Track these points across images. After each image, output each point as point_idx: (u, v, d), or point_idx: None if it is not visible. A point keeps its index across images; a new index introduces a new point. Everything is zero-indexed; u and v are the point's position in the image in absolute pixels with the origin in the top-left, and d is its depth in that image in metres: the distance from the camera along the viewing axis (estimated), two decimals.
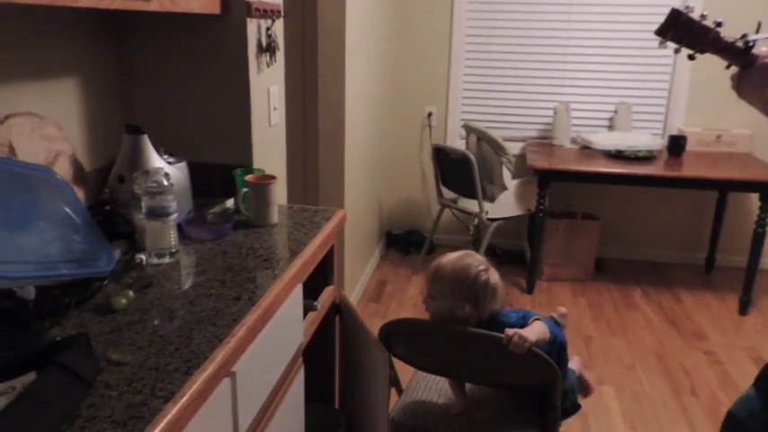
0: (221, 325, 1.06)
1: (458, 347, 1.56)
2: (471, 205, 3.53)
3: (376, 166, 3.77)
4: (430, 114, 4.02)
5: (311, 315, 1.56)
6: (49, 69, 1.51)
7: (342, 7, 2.72)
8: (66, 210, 1.22)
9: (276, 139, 1.96)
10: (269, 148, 1.90)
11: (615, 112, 3.76)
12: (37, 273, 1.01)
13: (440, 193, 3.74)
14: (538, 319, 1.52)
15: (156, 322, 1.06)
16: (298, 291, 1.39)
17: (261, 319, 1.13)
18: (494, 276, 1.55)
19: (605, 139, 3.58)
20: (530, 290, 3.56)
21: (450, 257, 1.56)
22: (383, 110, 3.85)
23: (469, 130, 3.59)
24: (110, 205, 1.44)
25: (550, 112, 3.82)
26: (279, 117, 1.95)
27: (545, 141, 3.86)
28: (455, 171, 3.50)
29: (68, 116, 1.57)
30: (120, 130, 1.49)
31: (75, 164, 1.41)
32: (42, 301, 1.06)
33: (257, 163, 1.79)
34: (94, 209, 1.44)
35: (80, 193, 1.38)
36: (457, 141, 3.96)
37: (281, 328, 1.28)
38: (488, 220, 3.46)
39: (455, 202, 3.73)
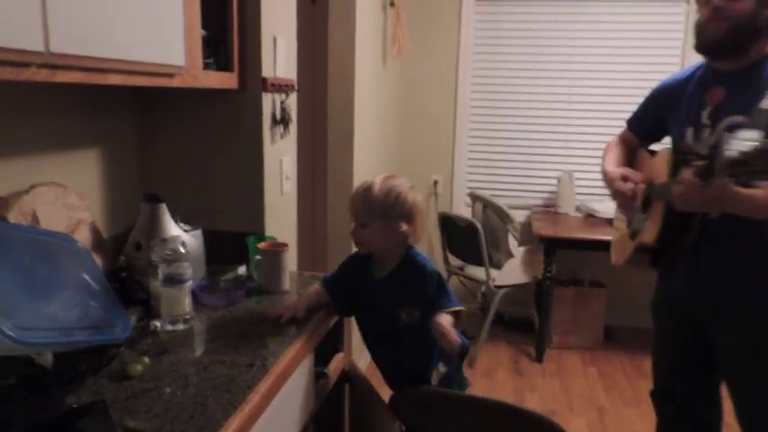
0: (235, 392, 1.06)
1: (469, 414, 1.54)
2: (478, 272, 3.54)
3: None
4: (436, 182, 4.10)
5: (321, 382, 1.55)
6: (73, 140, 1.57)
7: (351, 82, 2.83)
8: (85, 277, 1.24)
9: (287, 207, 2.00)
10: (281, 216, 1.94)
11: None
12: (55, 339, 1.02)
13: (446, 260, 3.76)
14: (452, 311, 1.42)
15: (171, 389, 1.06)
16: (309, 358, 1.39)
17: (274, 386, 1.14)
18: (419, 197, 1.52)
19: (610, 208, 3.62)
20: (539, 358, 3.51)
21: (374, 182, 1.48)
22: None
23: (475, 198, 3.65)
24: (126, 272, 1.47)
25: (554, 181, 3.89)
26: (290, 186, 2.01)
27: (550, 209, 3.91)
28: (461, 238, 3.53)
29: (89, 185, 1.63)
30: (137, 198, 1.53)
31: (95, 232, 1.45)
32: (60, 368, 1.07)
33: (269, 230, 1.83)
34: (111, 275, 1.47)
35: (98, 260, 1.41)
36: (462, 209, 4.01)
37: (292, 394, 1.28)
38: (495, 287, 3.45)
39: (462, 269, 3.74)
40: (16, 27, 0.89)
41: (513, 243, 3.53)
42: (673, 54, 3.70)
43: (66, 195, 1.41)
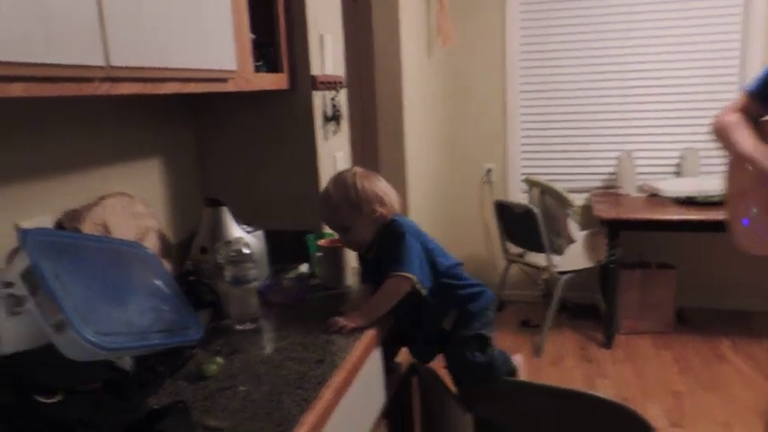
0: (308, 388, 1.07)
1: (544, 403, 1.51)
2: (539, 259, 3.47)
3: (438, 224, 3.78)
4: (489, 170, 4.04)
5: (391, 376, 1.55)
6: (136, 151, 1.62)
7: (397, 75, 2.83)
8: (157, 282, 1.28)
9: None
10: None
11: (682, 157, 3.67)
12: (133, 344, 1.06)
13: (505, 249, 3.70)
14: (410, 279, 1.40)
15: (245, 388, 1.08)
16: (377, 352, 1.39)
17: (346, 381, 1.14)
18: (366, 172, 1.53)
19: (675, 186, 3.48)
20: (608, 344, 3.41)
21: (327, 189, 1.50)
22: (441, 170, 3.90)
23: (532, 183, 3.58)
24: (194, 275, 1.50)
25: (614, 162, 3.77)
26: None
27: (610, 191, 3.79)
28: (519, 226, 3.47)
29: (153, 193, 1.68)
30: (198, 203, 1.57)
31: (162, 238, 1.49)
32: (140, 371, 1.11)
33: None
34: (179, 279, 1.51)
35: (167, 266, 1.45)
36: (519, 196, 3.94)
37: (364, 389, 1.28)
38: (558, 273, 3.38)
39: (521, 256, 3.67)
40: (77, 43, 0.91)
41: (573, 227, 3.44)
42: (732, 28, 3.52)
43: (133, 204, 1.45)
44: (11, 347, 1.02)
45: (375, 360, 1.36)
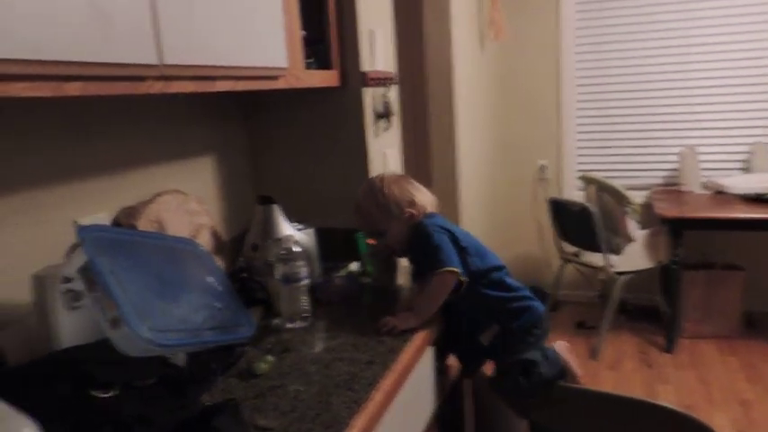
0: (358, 390, 1.05)
1: (602, 411, 1.44)
2: (596, 259, 3.35)
3: (490, 223, 3.72)
4: (543, 167, 3.94)
5: (442, 378, 1.52)
6: (190, 149, 1.64)
7: (449, 69, 2.78)
8: (210, 279, 1.29)
9: None
10: None
11: (751, 152, 3.48)
12: (187, 340, 1.06)
13: (560, 248, 3.60)
14: (454, 272, 1.35)
15: (295, 387, 1.07)
16: (429, 354, 1.36)
17: (396, 384, 1.11)
18: (392, 175, 1.52)
19: (743, 183, 3.30)
20: (670, 349, 3.27)
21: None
22: (494, 167, 3.83)
23: (588, 180, 3.46)
24: (245, 273, 1.51)
25: (675, 157, 3.60)
26: None
27: (672, 188, 3.63)
28: (575, 224, 3.36)
29: (206, 190, 1.70)
30: (250, 200, 1.58)
31: (215, 235, 1.50)
32: (193, 368, 1.11)
33: None
34: (232, 276, 1.52)
35: (220, 263, 1.46)
36: (574, 193, 3.82)
37: (414, 392, 1.25)
38: (616, 273, 3.26)
39: (577, 255, 3.56)
40: (132, 42, 0.92)
41: (632, 226, 3.31)
42: None
43: (188, 202, 1.47)
44: (68, 341, 1.05)
45: (426, 362, 1.34)
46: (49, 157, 1.22)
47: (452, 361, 1.60)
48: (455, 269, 1.35)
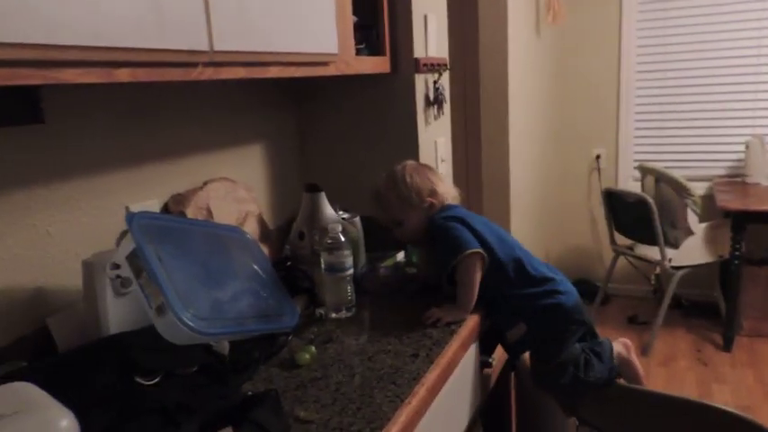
0: (401, 384, 1.03)
1: (655, 412, 1.39)
2: (651, 252, 3.23)
3: (541, 213, 3.63)
4: (598, 157, 3.81)
5: (486, 372, 1.48)
6: (240, 136, 1.65)
7: (504, 54, 2.70)
8: (255, 267, 1.29)
9: None
10: None
11: None
12: (230, 329, 1.07)
13: (613, 240, 3.48)
14: (478, 253, 1.31)
15: (337, 379, 1.06)
16: (474, 348, 1.33)
17: (440, 379, 1.09)
18: (415, 164, 1.46)
19: None
20: (727, 347, 3.13)
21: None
22: (547, 154, 3.72)
23: (646, 171, 3.33)
24: (291, 261, 1.51)
25: (741, 147, 3.42)
26: (446, 168, 1.95)
27: (736, 180, 3.45)
28: (630, 216, 3.24)
29: (255, 178, 1.70)
30: (299, 188, 1.57)
31: (262, 223, 1.50)
32: (236, 356, 1.12)
33: None
34: (277, 265, 1.52)
35: (266, 251, 1.46)
36: (630, 184, 3.69)
37: (459, 386, 1.23)
38: (672, 268, 3.13)
39: (631, 248, 3.44)
40: (182, 28, 0.91)
41: (692, 219, 3.17)
42: None
43: (236, 189, 1.47)
44: (117, 327, 1.07)
45: (471, 356, 1.31)
46: (104, 144, 1.24)
47: (500, 354, 1.56)
48: (476, 249, 1.31)
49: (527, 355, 1.47)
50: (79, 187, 1.19)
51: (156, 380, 0.92)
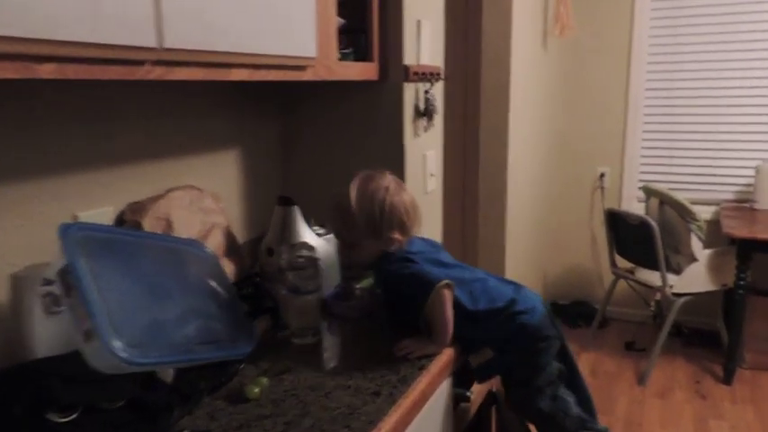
0: (355, 428, 0.93)
1: None
2: (652, 277, 3.11)
3: (539, 231, 3.51)
4: (602, 175, 3.69)
5: (463, 407, 1.37)
6: (214, 142, 1.55)
7: (506, 66, 2.60)
8: (212, 285, 1.18)
9: (432, 206, 1.84)
10: (424, 216, 1.77)
11: None
12: (170, 357, 0.96)
13: (613, 263, 3.36)
14: (447, 284, 1.18)
15: (286, 419, 0.95)
16: (447, 384, 1.22)
17: (401, 423, 0.98)
18: (399, 189, 1.29)
19: None
20: (727, 380, 3.00)
21: (349, 196, 1.25)
22: (549, 171, 3.61)
23: (650, 192, 3.21)
24: (259, 278, 1.40)
25: (751, 172, 3.30)
26: (435, 183, 1.84)
27: (744, 205, 3.33)
28: (632, 238, 3.13)
29: (229, 188, 1.60)
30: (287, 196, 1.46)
31: (229, 236, 1.40)
32: (180, 385, 1.01)
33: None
34: (245, 281, 1.42)
35: (231, 266, 1.36)
36: (634, 205, 3.57)
37: (425, 428, 1.12)
38: (674, 294, 3.01)
39: (632, 272, 3.32)
40: (126, 22, 0.81)
41: (696, 245, 3.05)
42: None
43: (202, 199, 1.37)
44: (45, 350, 0.96)
45: (442, 394, 1.20)
46: (50, 145, 1.14)
47: (479, 387, 1.45)
48: (444, 281, 1.18)
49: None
50: (18, 191, 1.08)
51: (73, 416, 0.82)
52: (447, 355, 1.18)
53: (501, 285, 1.31)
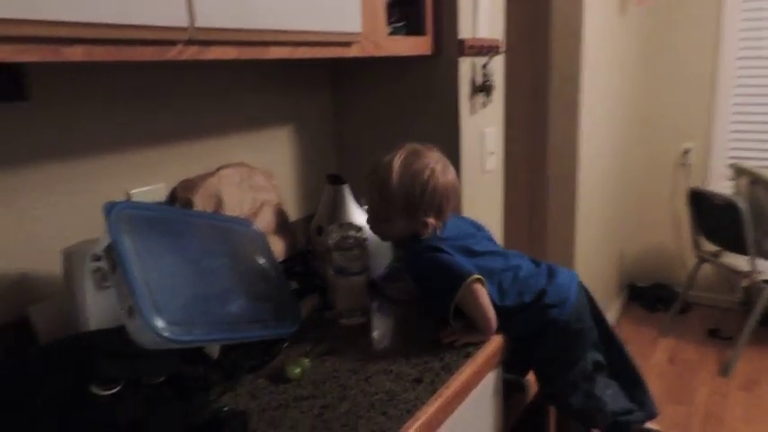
0: (392, 416, 0.90)
1: None
2: (739, 262, 2.89)
3: (615, 209, 3.34)
4: (686, 151, 3.45)
5: (517, 396, 1.32)
6: (266, 119, 1.55)
7: (577, 36, 2.45)
8: (259, 264, 1.19)
9: (491, 185, 1.77)
10: (482, 197, 1.72)
11: None
12: (213, 335, 0.97)
13: (697, 245, 3.15)
14: (478, 279, 1.11)
15: (324, 402, 0.94)
16: (494, 374, 1.17)
17: (441, 412, 0.95)
18: (445, 170, 1.21)
19: None
20: None
21: (391, 170, 1.17)
22: (628, 146, 3.41)
23: (740, 171, 2.97)
24: (309, 256, 1.40)
25: None
26: (495, 162, 1.77)
27: None
28: (718, 220, 2.91)
29: (282, 165, 1.60)
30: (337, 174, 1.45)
31: (280, 214, 1.40)
32: (225, 362, 1.03)
33: (468, 213, 1.62)
34: (296, 259, 1.42)
35: (281, 244, 1.36)
36: (721, 184, 3.31)
37: (469, 420, 1.08)
38: (763, 282, 2.78)
39: (716, 255, 3.10)
40: (156, 2, 0.81)
41: None
42: None
43: (252, 176, 1.38)
44: (97, 322, 1.00)
45: (489, 384, 1.15)
46: (103, 124, 1.17)
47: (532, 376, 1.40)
48: (474, 275, 1.11)
49: None
50: (72, 169, 1.12)
51: (116, 389, 0.84)
52: (495, 343, 1.13)
53: (533, 273, 1.22)
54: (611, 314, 3.37)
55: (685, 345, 3.15)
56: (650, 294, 3.62)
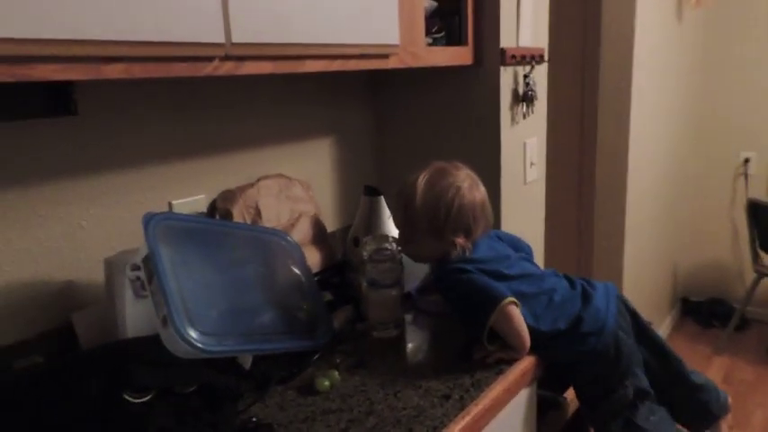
0: None
1: None
2: None
3: (668, 221, 3.22)
4: (747, 161, 3.30)
5: (552, 415, 1.29)
6: (307, 132, 1.57)
7: (629, 42, 2.38)
8: (294, 275, 1.20)
9: (532, 197, 1.74)
10: (522, 209, 1.69)
11: None
12: (244, 346, 0.99)
13: (756, 258, 3.00)
14: (512, 301, 1.08)
15: (351, 416, 0.94)
16: (528, 392, 1.14)
17: (468, 429, 0.94)
18: (473, 189, 1.16)
19: None
20: None
21: (415, 190, 1.15)
22: (682, 154, 3.29)
23: None
24: (345, 267, 1.41)
25: None
26: (537, 173, 1.74)
27: None
28: None
29: (321, 176, 1.62)
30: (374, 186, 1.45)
31: (317, 225, 1.41)
32: (257, 372, 1.04)
33: (507, 226, 1.60)
34: (333, 270, 1.43)
35: (318, 255, 1.37)
36: None
37: None
38: None
39: None
40: (193, 19, 0.83)
41: None
42: None
43: (290, 187, 1.39)
44: (135, 330, 1.03)
45: (522, 401, 1.13)
46: (146, 138, 1.21)
47: (571, 394, 1.36)
48: (508, 298, 1.08)
49: None
50: (117, 181, 1.17)
51: (148, 397, 0.86)
52: (529, 360, 1.11)
53: (568, 297, 1.17)
54: (663, 329, 3.25)
55: (742, 364, 3.00)
56: (705, 309, 3.47)
